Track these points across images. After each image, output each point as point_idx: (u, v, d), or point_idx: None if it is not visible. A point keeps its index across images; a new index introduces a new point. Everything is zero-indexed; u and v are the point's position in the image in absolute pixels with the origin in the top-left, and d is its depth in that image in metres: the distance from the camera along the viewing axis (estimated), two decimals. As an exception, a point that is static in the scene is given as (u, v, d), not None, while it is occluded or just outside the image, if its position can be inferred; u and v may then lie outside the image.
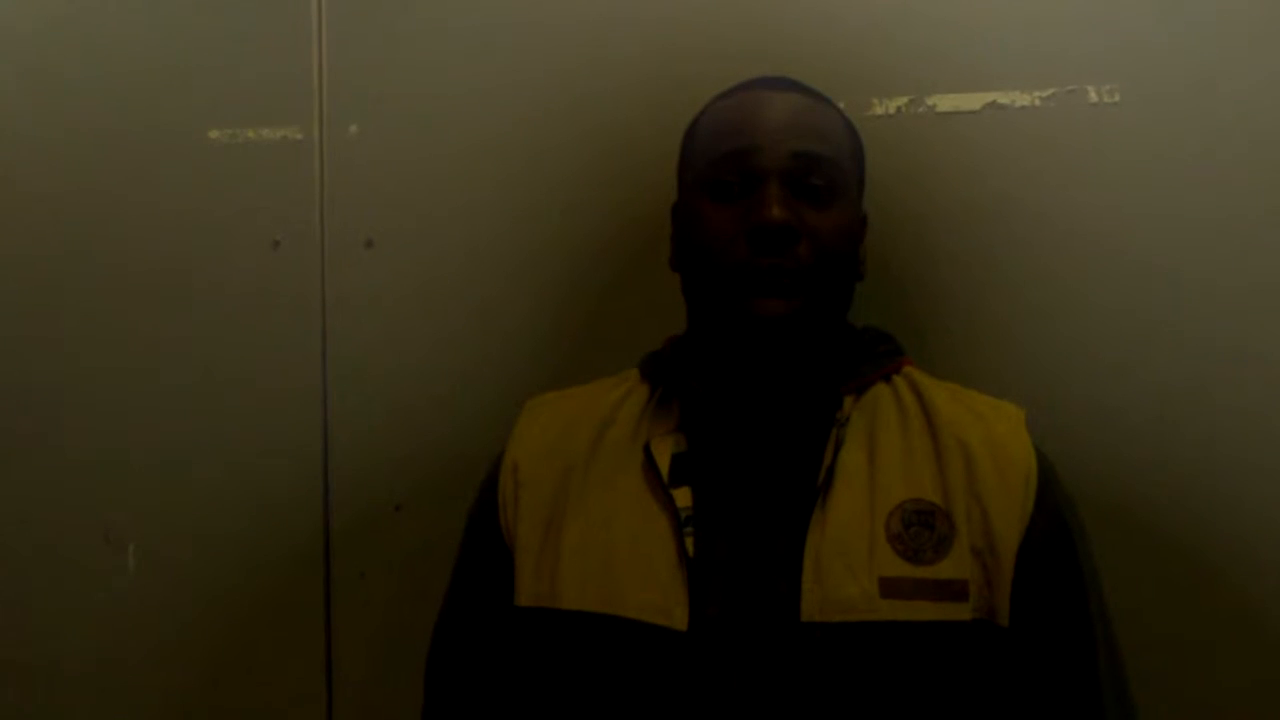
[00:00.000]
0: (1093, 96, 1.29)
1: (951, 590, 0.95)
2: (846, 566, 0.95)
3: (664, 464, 1.03)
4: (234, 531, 1.45)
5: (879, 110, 1.34)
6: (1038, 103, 1.30)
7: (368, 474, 1.44)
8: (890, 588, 0.95)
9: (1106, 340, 1.29)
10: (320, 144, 1.45)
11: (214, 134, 1.47)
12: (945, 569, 0.96)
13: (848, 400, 1.05)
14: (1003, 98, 1.31)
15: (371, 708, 1.43)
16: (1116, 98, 1.29)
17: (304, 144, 1.45)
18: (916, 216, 1.33)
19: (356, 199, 1.44)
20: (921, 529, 0.98)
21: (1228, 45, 1.27)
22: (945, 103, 1.32)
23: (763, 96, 1.08)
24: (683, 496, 1.01)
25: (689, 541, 0.99)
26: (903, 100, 1.33)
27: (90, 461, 1.48)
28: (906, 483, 1.00)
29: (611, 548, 1.01)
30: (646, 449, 1.04)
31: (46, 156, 1.50)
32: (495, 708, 1.10)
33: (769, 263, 1.00)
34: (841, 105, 1.30)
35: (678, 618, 0.96)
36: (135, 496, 1.47)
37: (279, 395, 1.45)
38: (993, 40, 1.31)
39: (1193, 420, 1.27)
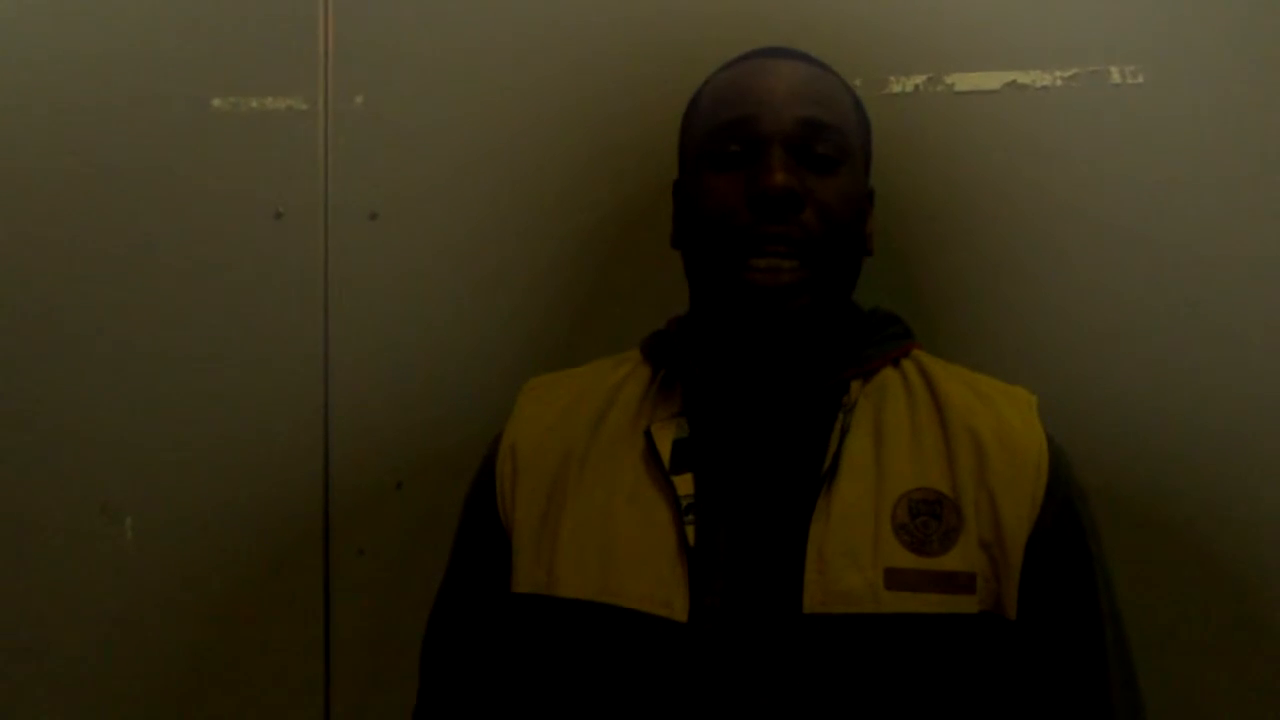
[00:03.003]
0: (1115, 77, 1.27)
1: (958, 582, 0.93)
2: (851, 557, 0.93)
3: (665, 450, 1.00)
4: (233, 507, 1.44)
5: (896, 88, 1.31)
6: (1059, 83, 1.28)
7: (369, 451, 1.42)
8: (895, 579, 0.93)
9: (1126, 325, 1.27)
10: (325, 114, 1.43)
11: (217, 103, 1.44)
12: (952, 561, 0.94)
13: (854, 385, 1.03)
14: (1023, 77, 1.28)
15: (370, 687, 1.42)
16: (1140, 78, 1.26)
17: (309, 114, 1.43)
18: (933, 197, 1.30)
19: (361, 171, 1.42)
20: (929, 519, 0.95)
21: (1254, 24, 1.24)
22: (964, 82, 1.30)
23: (765, 64, 1.05)
24: (684, 484, 0.98)
25: (690, 530, 0.96)
26: (920, 79, 1.31)
27: (89, 434, 1.46)
28: (914, 471, 0.98)
29: (611, 535, 0.99)
30: (648, 434, 1.02)
31: (45, 126, 1.47)
32: (491, 695, 1.08)
33: (773, 230, 0.97)
34: (858, 83, 1.29)
35: (678, 608, 0.94)
36: (134, 470, 1.46)
37: (280, 369, 1.43)
38: (1013, 18, 1.29)
39: (1213, 410, 1.25)
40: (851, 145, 1.03)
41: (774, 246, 0.97)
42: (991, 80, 1.29)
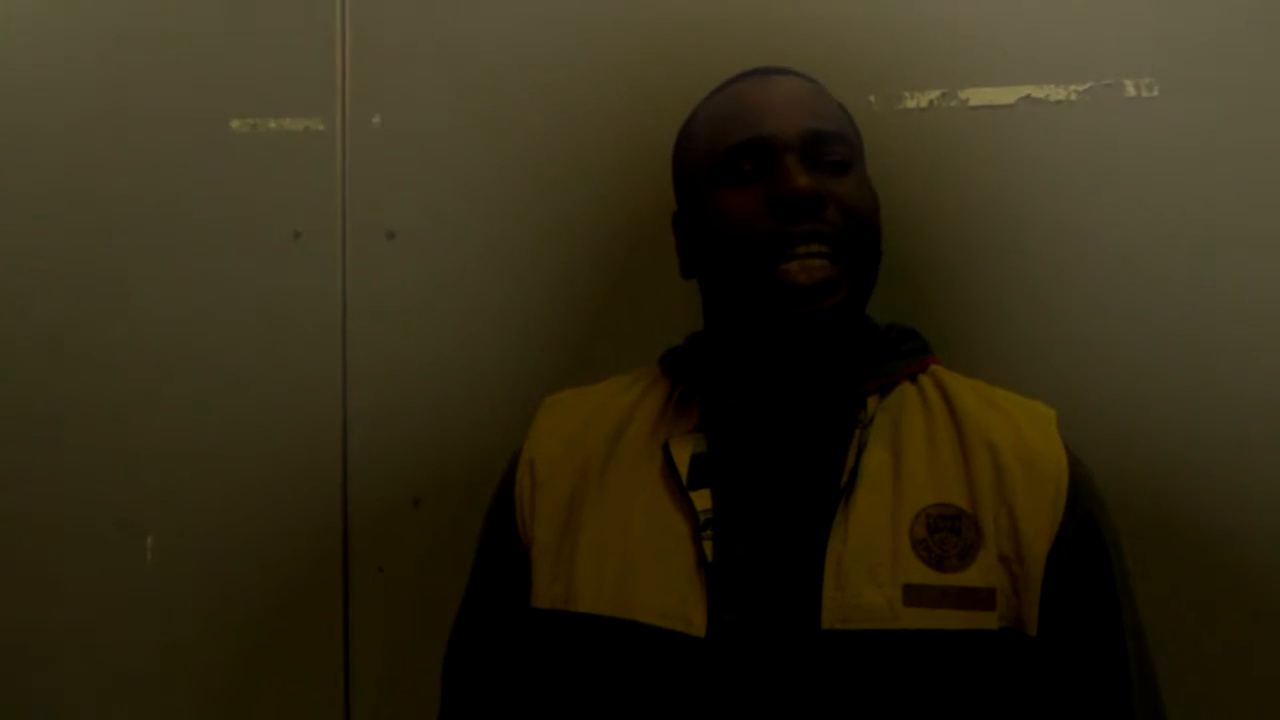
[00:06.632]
0: (1130, 90, 1.26)
1: (978, 599, 0.93)
2: (869, 573, 0.93)
3: (683, 465, 1.01)
4: (252, 525, 1.44)
5: (910, 104, 1.31)
6: (1073, 97, 1.27)
7: (387, 468, 1.43)
8: (914, 595, 0.92)
9: (1140, 339, 1.26)
10: (342, 135, 1.44)
11: (235, 124, 1.45)
12: (971, 576, 0.93)
13: (871, 400, 1.03)
14: (1037, 91, 1.28)
15: (389, 704, 1.42)
16: (1155, 91, 1.26)
17: (326, 135, 1.44)
18: (947, 212, 1.30)
19: (378, 190, 1.43)
20: (947, 534, 0.95)
21: (1269, 36, 1.24)
22: (978, 96, 1.30)
23: (761, 82, 1.07)
24: (702, 499, 0.99)
25: (708, 546, 0.96)
26: (935, 94, 1.31)
27: (108, 453, 1.47)
28: (932, 486, 0.97)
29: (628, 550, 0.99)
30: (666, 449, 1.02)
31: (65, 145, 1.49)
32: (511, 711, 1.08)
33: (802, 229, 0.98)
34: (871, 98, 1.30)
35: (696, 624, 0.94)
36: (153, 489, 1.46)
37: (298, 388, 1.44)
38: (1027, 32, 1.28)
39: (1235, 425, 1.24)
40: (856, 151, 1.05)
41: (806, 246, 0.98)
42: (1005, 95, 1.29)
